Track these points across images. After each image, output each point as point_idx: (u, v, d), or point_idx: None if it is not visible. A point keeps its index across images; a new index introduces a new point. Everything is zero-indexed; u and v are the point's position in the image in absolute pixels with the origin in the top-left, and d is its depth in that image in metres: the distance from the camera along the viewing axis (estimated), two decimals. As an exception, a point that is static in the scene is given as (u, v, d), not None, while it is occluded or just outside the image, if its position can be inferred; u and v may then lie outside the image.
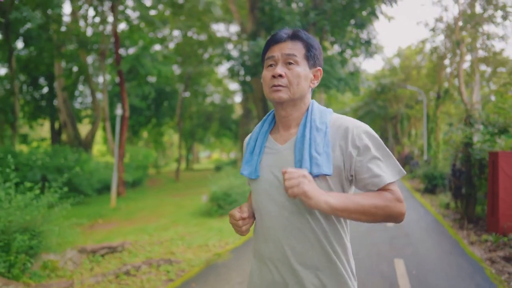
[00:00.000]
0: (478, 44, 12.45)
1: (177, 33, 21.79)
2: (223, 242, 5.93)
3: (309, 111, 1.28)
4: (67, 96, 18.37)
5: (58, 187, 4.26)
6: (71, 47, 16.37)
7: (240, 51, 16.01)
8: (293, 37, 1.25)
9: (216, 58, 22.76)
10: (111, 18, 13.64)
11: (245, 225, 1.30)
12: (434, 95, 19.00)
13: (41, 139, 23.79)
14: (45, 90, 20.80)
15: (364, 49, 15.34)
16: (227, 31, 23.34)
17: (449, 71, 16.74)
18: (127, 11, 15.02)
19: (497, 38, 11.62)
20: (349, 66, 17.30)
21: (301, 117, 1.29)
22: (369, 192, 1.17)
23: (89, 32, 15.77)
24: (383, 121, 32.07)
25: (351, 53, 16.37)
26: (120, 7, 13.59)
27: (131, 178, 15.67)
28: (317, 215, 1.19)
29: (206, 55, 22.72)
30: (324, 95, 26.99)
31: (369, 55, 15.70)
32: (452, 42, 13.70)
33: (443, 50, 15.71)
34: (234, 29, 22.46)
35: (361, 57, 16.82)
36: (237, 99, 31.83)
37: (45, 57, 18.44)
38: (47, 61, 18.58)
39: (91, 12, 16.49)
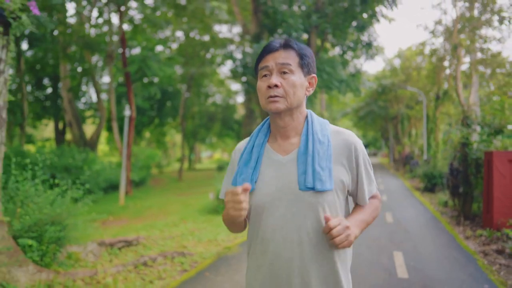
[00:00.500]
0: (476, 46, 12.76)
1: (180, 34, 22.10)
2: (231, 237, 6.24)
3: (308, 121, 1.29)
4: (72, 96, 18.70)
5: (80, 184, 4.58)
6: (76, 48, 16.67)
7: (242, 52, 16.35)
8: (285, 46, 1.25)
9: (218, 58, 23.09)
10: (115, 19, 13.97)
11: (245, 201, 1.13)
12: (433, 96, 19.30)
13: (46, 139, 24.19)
14: (48, 90, 21.18)
15: (365, 51, 15.64)
16: (229, 32, 23.62)
17: (448, 72, 17.06)
18: (131, 12, 15.33)
19: (495, 40, 11.95)
20: (350, 67, 17.64)
21: (299, 126, 1.29)
22: (364, 206, 1.30)
23: (92, 33, 16.03)
24: (383, 121, 32.39)
25: (352, 55, 16.70)
26: (122, 7, 13.86)
27: (137, 177, 16.00)
28: (318, 228, 1.20)
29: (208, 55, 22.98)
30: (325, 95, 27.36)
31: (369, 57, 16.01)
32: (451, 44, 14.02)
33: (442, 52, 16.05)
34: (236, 30, 22.67)
35: (362, 58, 17.14)
36: (239, 99, 32.16)
37: (51, 58, 18.80)
38: (53, 62, 18.94)
39: (94, 13, 16.83)
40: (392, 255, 5.00)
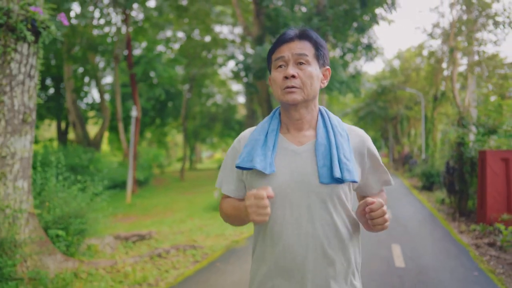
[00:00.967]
0: (473, 49, 13.10)
1: (181, 34, 22.35)
2: (238, 231, 6.57)
3: (324, 114, 1.27)
4: (76, 97, 19.01)
5: (99, 181, 4.91)
6: (80, 49, 16.94)
7: (244, 53, 16.68)
8: (301, 36, 1.22)
9: (219, 58, 23.36)
10: (118, 20, 14.24)
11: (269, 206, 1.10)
12: (431, 97, 19.66)
13: (49, 139, 24.49)
14: (50, 91, 21.47)
15: (364, 52, 15.98)
16: (231, 33, 23.91)
17: (446, 74, 17.42)
18: (133, 12, 15.59)
19: (490, 43, 12.30)
20: (350, 68, 17.99)
21: (313, 119, 1.26)
22: (375, 196, 1.31)
23: (95, 33, 16.28)
24: (383, 122, 32.72)
25: (352, 56, 17.04)
26: (127, 11, 14.15)
27: (142, 176, 16.33)
28: (332, 222, 1.17)
29: (209, 55, 23.23)
30: (325, 96, 27.71)
31: (369, 59, 16.35)
32: (448, 47, 14.37)
33: (440, 54, 16.41)
34: (237, 30, 22.94)
35: (362, 60, 17.49)
36: (241, 99, 32.49)
37: (53, 59, 19.07)
38: (55, 63, 19.22)
39: (97, 13, 17.08)
40: (390, 247, 5.33)
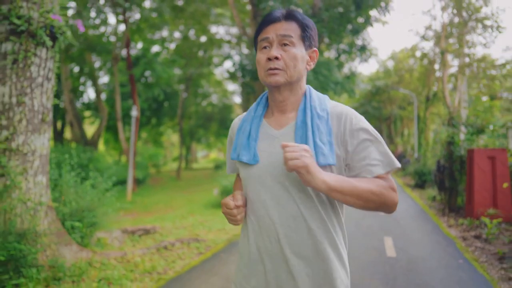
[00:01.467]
0: (463, 51, 13.53)
1: (177, 34, 22.50)
2: (238, 226, 6.87)
3: (307, 96, 1.23)
4: (73, 97, 19.15)
5: (108, 178, 5.19)
6: (78, 49, 17.08)
7: (240, 54, 16.97)
8: (287, 17, 1.19)
9: (215, 58, 23.56)
10: (113, 20, 14.43)
11: (240, 213, 1.21)
12: (424, 97, 20.11)
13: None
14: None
15: (359, 54, 16.36)
16: (227, 34, 24.15)
17: (438, 75, 17.87)
18: (129, 13, 15.78)
19: (480, 45, 12.74)
20: (345, 69, 18.36)
21: (298, 101, 1.24)
22: (364, 178, 1.15)
23: (91, 33, 16.42)
24: (377, 122, 33.20)
25: (347, 58, 17.42)
26: (127, 12, 14.36)
27: (141, 175, 16.57)
28: (313, 203, 1.15)
29: (204, 55, 23.39)
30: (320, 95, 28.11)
31: (364, 60, 16.72)
32: (440, 48, 14.80)
33: (432, 55, 16.85)
34: (233, 31, 23.17)
35: (357, 61, 17.88)
36: (237, 99, 32.76)
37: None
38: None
39: (93, 13, 17.20)
40: (383, 239, 5.66)
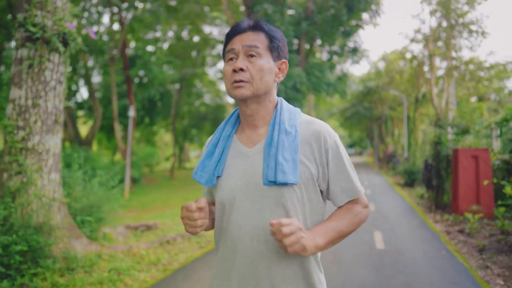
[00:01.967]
0: (451, 54, 14.02)
1: (170, 34, 22.61)
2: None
3: (277, 110, 1.19)
4: (67, 96, 19.24)
5: (114, 175, 5.46)
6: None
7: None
8: (254, 27, 1.15)
9: (208, 58, 23.74)
10: (106, 19, 14.59)
11: (201, 218, 1.09)
12: (413, 98, 20.63)
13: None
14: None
15: (351, 55, 16.79)
16: (221, 34, 24.36)
17: (427, 76, 18.39)
18: (124, 13, 15.92)
19: (467, 49, 13.24)
20: (337, 70, 18.80)
21: (268, 115, 1.19)
22: (340, 210, 1.15)
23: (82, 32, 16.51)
24: (369, 122, 33.80)
25: (338, 59, 17.85)
26: (123, 13, 14.52)
27: (137, 174, 16.78)
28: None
29: (198, 54, 23.55)
30: (312, 96, 28.54)
31: (355, 62, 17.16)
32: (429, 51, 15.29)
33: (421, 57, 17.35)
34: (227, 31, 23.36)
35: (348, 62, 18.31)
36: (230, 99, 32.98)
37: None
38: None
39: (85, 13, 17.24)
40: (373, 233, 6.02)
